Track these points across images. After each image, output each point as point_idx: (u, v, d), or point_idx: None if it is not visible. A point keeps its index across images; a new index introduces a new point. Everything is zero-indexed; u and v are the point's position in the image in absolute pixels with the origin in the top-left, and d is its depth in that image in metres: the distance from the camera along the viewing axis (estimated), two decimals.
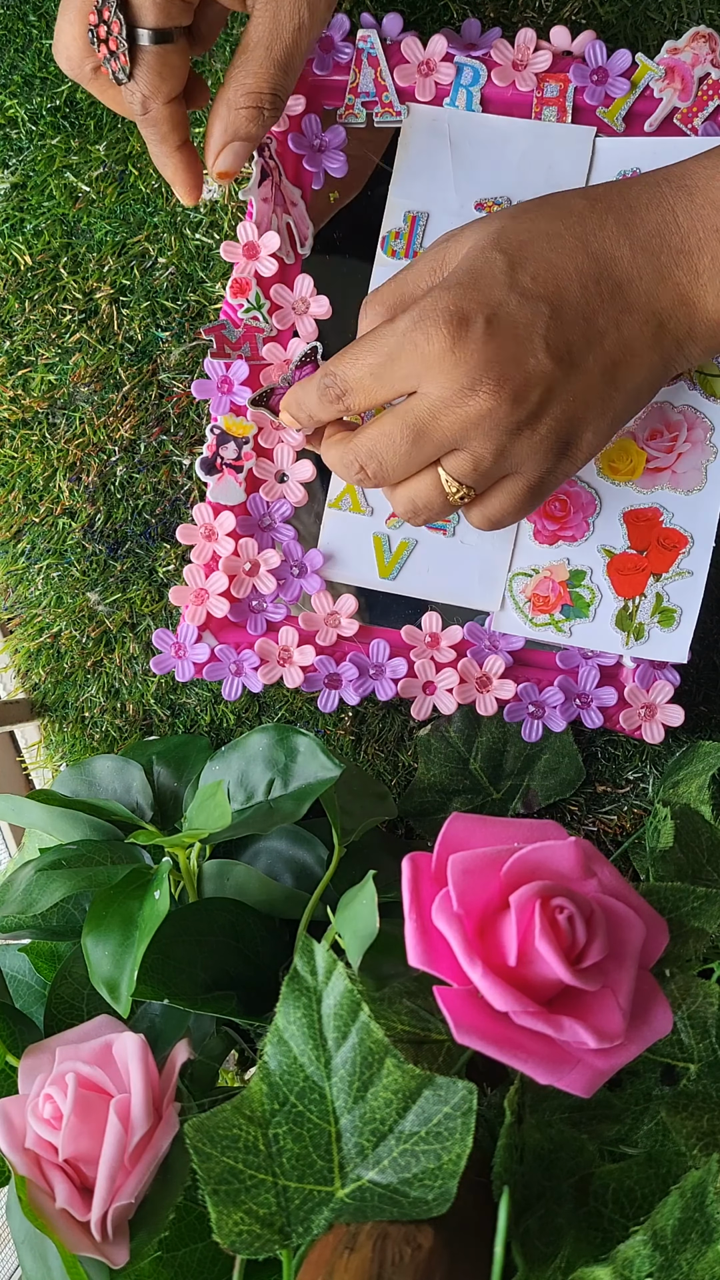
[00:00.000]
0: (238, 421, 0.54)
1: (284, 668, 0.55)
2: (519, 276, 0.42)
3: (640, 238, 0.42)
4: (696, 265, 0.42)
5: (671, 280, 0.43)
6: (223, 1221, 0.34)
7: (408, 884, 0.37)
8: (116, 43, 0.43)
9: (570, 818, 0.59)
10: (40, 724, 0.63)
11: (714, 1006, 0.39)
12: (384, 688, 0.55)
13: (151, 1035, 0.45)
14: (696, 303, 0.43)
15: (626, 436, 0.53)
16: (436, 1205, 0.33)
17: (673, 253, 0.42)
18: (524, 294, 0.42)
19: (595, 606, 0.53)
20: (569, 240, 0.42)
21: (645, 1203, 0.35)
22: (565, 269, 0.42)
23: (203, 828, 0.43)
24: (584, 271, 0.42)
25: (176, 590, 0.54)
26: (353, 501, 0.54)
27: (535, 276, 0.42)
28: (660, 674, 0.54)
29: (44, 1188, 0.38)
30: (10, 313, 0.61)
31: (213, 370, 0.54)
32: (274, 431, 0.54)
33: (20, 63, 0.60)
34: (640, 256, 0.42)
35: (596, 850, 0.38)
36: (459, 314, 0.41)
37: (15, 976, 0.50)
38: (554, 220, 0.43)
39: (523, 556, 0.54)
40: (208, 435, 0.54)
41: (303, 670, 0.54)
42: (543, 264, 0.42)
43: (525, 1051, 0.34)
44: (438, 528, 0.54)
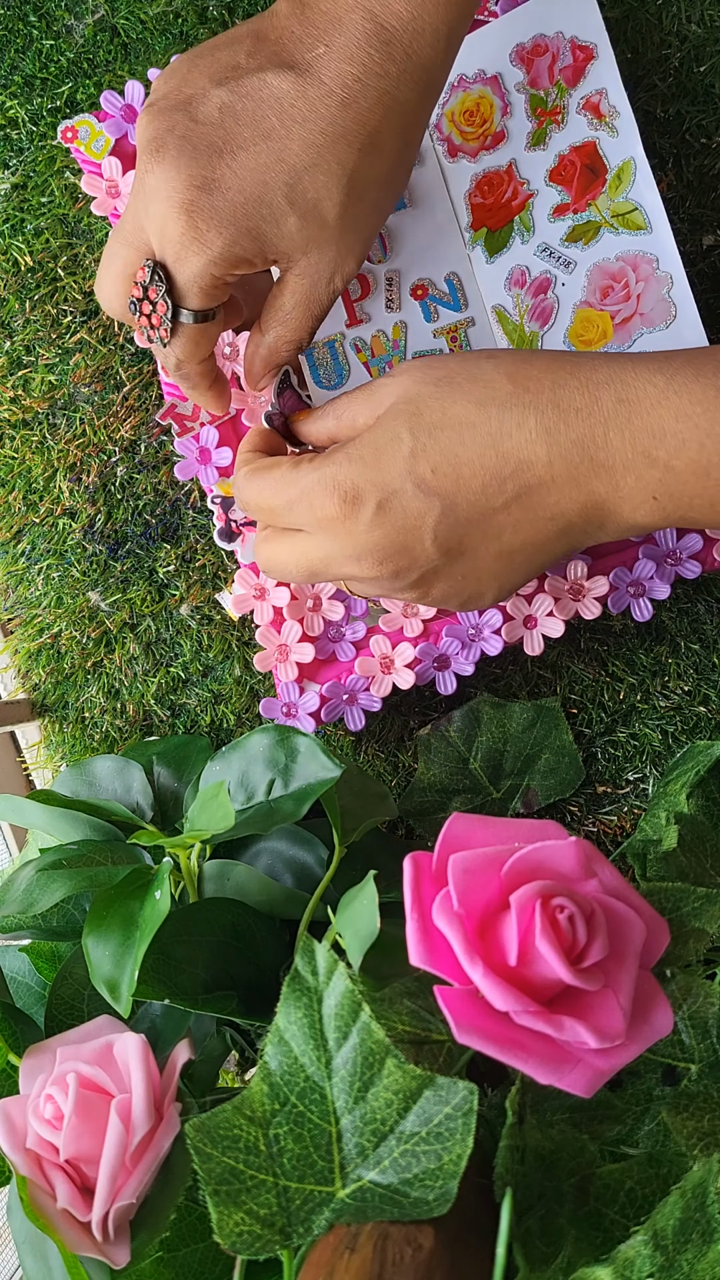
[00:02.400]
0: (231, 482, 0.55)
1: (391, 674, 0.55)
2: (419, 466, 0.41)
3: (562, 446, 0.41)
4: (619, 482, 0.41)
5: (588, 489, 0.41)
6: (223, 1222, 0.34)
7: (409, 883, 0.37)
8: (160, 320, 0.43)
9: (570, 818, 0.59)
10: (40, 724, 0.63)
11: (715, 1007, 0.39)
12: (490, 644, 0.54)
13: (152, 1035, 0.45)
14: (611, 510, 0.42)
15: (583, 307, 0.53)
16: (437, 1206, 0.33)
17: (594, 466, 0.41)
18: (420, 485, 0.41)
19: None
20: (481, 434, 0.41)
21: (646, 1203, 0.35)
22: (471, 464, 0.41)
23: (205, 828, 0.43)
24: (489, 469, 0.41)
25: (260, 656, 0.55)
26: None
27: (435, 469, 0.41)
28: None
29: (45, 1188, 0.38)
30: (10, 313, 0.61)
31: (186, 449, 0.55)
32: None
33: (20, 63, 0.60)
34: (558, 464, 0.41)
35: (597, 850, 0.38)
36: (353, 492, 0.41)
37: (16, 977, 0.50)
38: (472, 407, 0.41)
39: None
40: (211, 507, 0.55)
41: (409, 668, 0.54)
42: (446, 457, 0.41)
43: (526, 1051, 0.34)
44: None
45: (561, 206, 0.53)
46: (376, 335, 0.54)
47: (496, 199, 0.53)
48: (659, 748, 0.58)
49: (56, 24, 0.60)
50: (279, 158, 0.40)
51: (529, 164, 0.53)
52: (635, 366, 0.41)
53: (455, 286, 0.54)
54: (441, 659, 0.55)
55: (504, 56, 0.53)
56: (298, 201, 0.41)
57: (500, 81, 0.53)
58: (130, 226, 0.44)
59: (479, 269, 0.54)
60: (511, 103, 0.53)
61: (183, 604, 0.60)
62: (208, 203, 0.40)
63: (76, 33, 0.60)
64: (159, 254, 0.42)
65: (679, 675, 0.58)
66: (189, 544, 0.60)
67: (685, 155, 0.57)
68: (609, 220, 0.52)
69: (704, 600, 0.58)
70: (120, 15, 0.60)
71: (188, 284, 0.42)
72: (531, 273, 0.53)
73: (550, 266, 0.53)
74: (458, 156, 0.54)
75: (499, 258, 0.53)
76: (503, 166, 0.53)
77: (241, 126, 0.40)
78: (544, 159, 0.53)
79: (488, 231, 0.54)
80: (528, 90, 0.53)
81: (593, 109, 0.52)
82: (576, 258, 0.52)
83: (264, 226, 0.41)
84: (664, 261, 0.51)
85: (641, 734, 0.58)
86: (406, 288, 0.54)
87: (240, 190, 0.40)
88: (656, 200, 0.51)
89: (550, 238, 0.53)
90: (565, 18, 0.52)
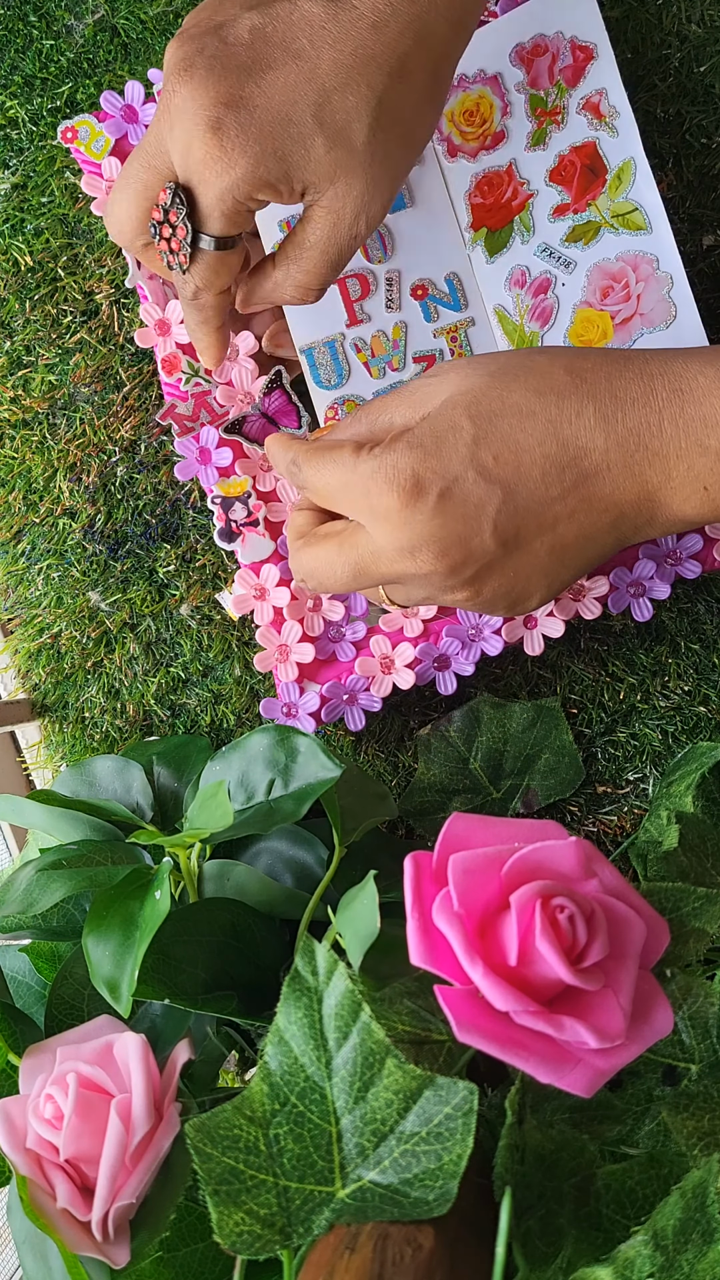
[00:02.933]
0: (231, 482, 0.55)
1: (391, 674, 0.55)
2: (481, 454, 0.41)
3: (618, 433, 0.41)
4: (671, 470, 0.41)
5: (641, 479, 0.42)
6: (223, 1222, 0.34)
7: (409, 883, 0.37)
8: (179, 244, 0.43)
9: (570, 818, 0.59)
10: (40, 724, 0.63)
11: (715, 1007, 0.39)
12: (490, 644, 0.54)
13: (152, 1035, 0.45)
14: (663, 502, 0.42)
15: (583, 307, 0.53)
16: (437, 1206, 0.33)
17: (649, 454, 0.41)
18: (482, 472, 0.41)
19: None
20: (541, 422, 0.41)
21: (646, 1203, 0.35)
22: (531, 452, 0.41)
23: (204, 828, 0.43)
24: (550, 456, 0.41)
25: (260, 657, 0.55)
26: None
27: (497, 457, 0.41)
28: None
29: (45, 1188, 0.38)
30: (10, 313, 0.61)
31: (186, 450, 0.55)
32: (265, 474, 0.55)
33: (21, 63, 0.60)
34: (614, 452, 0.41)
35: (597, 850, 0.38)
36: (415, 481, 0.41)
37: (16, 977, 0.50)
38: (531, 396, 0.42)
39: None
40: (211, 507, 0.55)
41: (409, 668, 0.54)
42: (508, 445, 0.41)
43: (526, 1051, 0.34)
44: None
45: (561, 207, 0.53)
46: (377, 335, 0.54)
47: (496, 199, 0.53)
48: (659, 748, 0.58)
49: (56, 24, 0.60)
50: (308, 77, 0.40)
51: (529, 164, 0.53)
52: (686, 359, 0.42)
53: (455, 286, 0.54)
54: (442, 659, 0.55)
55: (504, 56, 0.53)
56: (326, 122, 0.41)
57: (500, 81, 0.53)
58: (152, 148, 0.43)
59: (479, 269, 0.54)
60: (511, 102, 0.53)
61: (183, 604, 0.60)
62: (234, 120, 0.40)
63: (76, 33, 0.60)
64: (182, 175, 0.42)
65: (679, 675, 0.58)
66: (189, 544, 0.60)
67: (685, 155, 0.57)
68: (609, 220, 0.52)
69: (704, 600, 0.58)
70: (120, 15, 0.60)
71: (210, 207, 0.42)
72: (532, 273, 0.53)
73: (550, 267, 0.53)
74: (457, 156, 0.54)
75: (499, 258, 0.53)
76: (503, 166, 0.53)
77: (271, 47, 0.40)
78: (544, 159, 0.53)
79: (488, 231, 0.54)
80: (528, 90, 0.53)
81: (593, 109, 0.52)
82: (577, 258, 0.53)
83: (291, 147, 0.41)
84: (664, 262, 0.51)
85: (642, 734, 0.58)
86: (407, 288, 0.54)
87: (268, 109, 0.40)
88: (657, 200, 0.51)
89: (550, 238, 0.53)
90: (565, 18, 0.52)
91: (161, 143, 0.42)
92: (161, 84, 0.42)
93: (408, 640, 0.54)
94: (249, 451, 0.55)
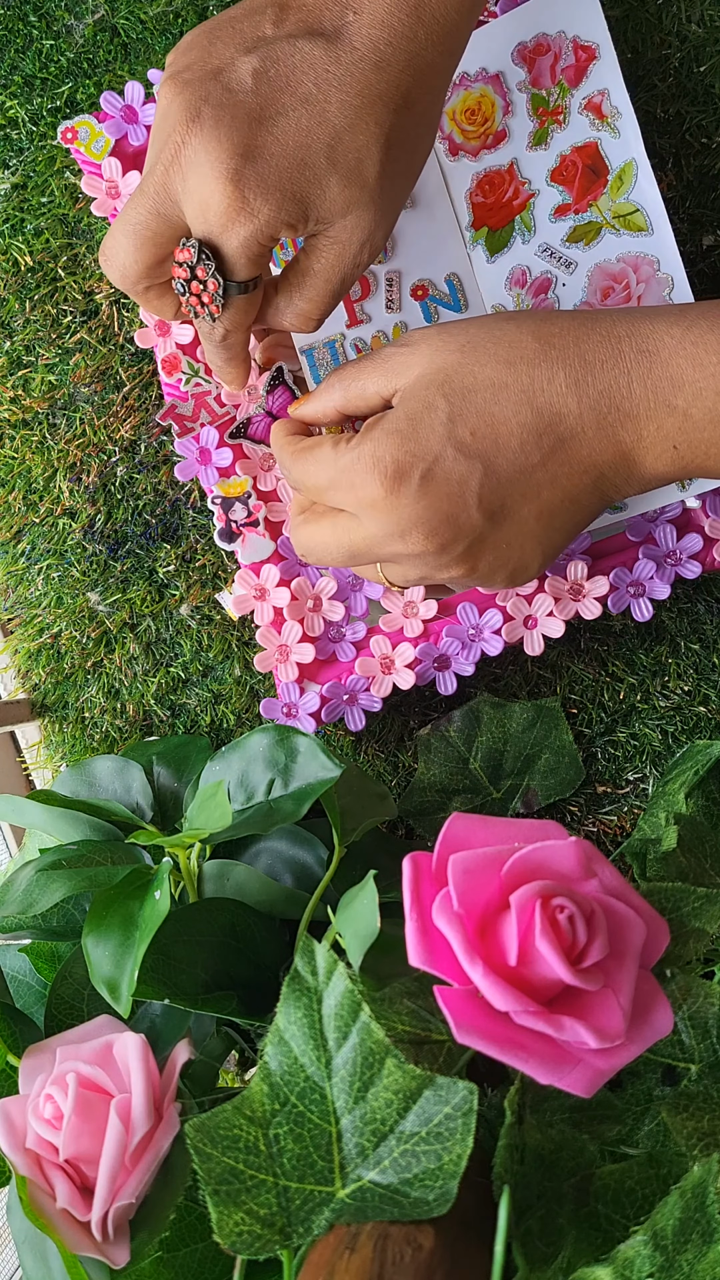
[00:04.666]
0: (231, 483, 0.55)
1: (391, 674, 0.55)
2: (458, 430, 0.42)
3: (590, 396, 0.42)
4: (641, 430, 0.42)
5: (615, 439, 0.42)
6: (223, 1222, 0.34)
7: (408, 884, 0.37)
8: (211, 298, 0.43)
9: (570, 818, 0.59)
10: (40, 724, 0.63)
11: (715, 1007, 0.39)
12: (491, 645, 0.54)
13: (152, 1035, 0.45)
14: (637, 460, 0.43)
15: (583, 307, 0.53)
16: (437, 1206, 0.33)
17: (620, 415, 0.42)
18: (461, 448, 0.42)
19: None
20: (514, 392, 0.42)
21: (646, 1203, 0.35)
22: (507, 423, 0.42)
23: (203, 828, 0.43)
24: (526, 425, 0.42)
25: (260, 657, 0.55)
26: None
27: (475, 431, 0.42)
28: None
29: (45, 1188, 0.38)
30: (10, 313, 0.61)
31: (187, 450, 0.55)
32: (265, 474, 0.55)
33: (20, 63, 0.60)
34: (588, 415, 0.42)
35: (597, 850, 0.38)
36: (397, 466, 0.42)
37: (16, 977, 0.50)
38: (502, 367, 0.42)
39: None
40: (211, 508, 0.55)
41: (409, 668, 0.54)
42: (484, 418, 0.42)
43: (526, 1051, 0.34)
44: None
45: (563, 207, 0.53)
46: (377, 336, 0.54)
47: (498, 198, 0.53)
48: (659, 748, 0.58)
49: (56, 24, 0.60)
50: (319, 120, 0.40)
51: (530, 164, 0.53)
52: (653, 319, 0.43)
53: (455, 287, 0.54)
54: (442, 659, 0.55)
55: (506, 55, 0.53)
56: (339, 162, 0.41)
57: (502, 80, 0.53)
58: (160, 195, 0.42)
59: (479, 268, 0.54)
60: (513, 102, 0.53)
61: (183, 604, 0.60)
62: (253, 171, 0.40)
63: (76, 33, 0.60)
64: (202, 229, 0.41)
65: (679, 675, 0.58)
66: (189, 544, 0.60)
67: (685, 155, 0.57)
68: (610, 221, 0.52)
69: (704, 600, 0.58)
70: (120, 15, 0.60)
71: (235, 256, 0.41)
72: (532, 272, 0.53)
73: (551, 267, 0.53)
74: (459, 155, 0.54)
75: (500, 257, 0.53)
76: (504, 166, 0.53)
77: (278, 92, 0.40)
78: (545, 159, 0.53)
79: (489, 231, 0.53)
80: (529, 89, 0.53)
81: (595, 109, 0.52)
82: (577, 258, 0.52)
83: (308, 190, 0.41)
84: (665, 263, 0.51)
85: (641, 734, 0.58)
86: (407, 288, 0.54)
87: (283, 155, 0.40)
88: (658, 201, 0.51)
89: (551, 238, 0.53)
90: (568, 17, 0.52)
91: (171, 191, 0.42)
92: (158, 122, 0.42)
93: (408, 640, 0.54)
94: (249, 452, 0.55)
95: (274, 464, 0.55)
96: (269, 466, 0.55)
